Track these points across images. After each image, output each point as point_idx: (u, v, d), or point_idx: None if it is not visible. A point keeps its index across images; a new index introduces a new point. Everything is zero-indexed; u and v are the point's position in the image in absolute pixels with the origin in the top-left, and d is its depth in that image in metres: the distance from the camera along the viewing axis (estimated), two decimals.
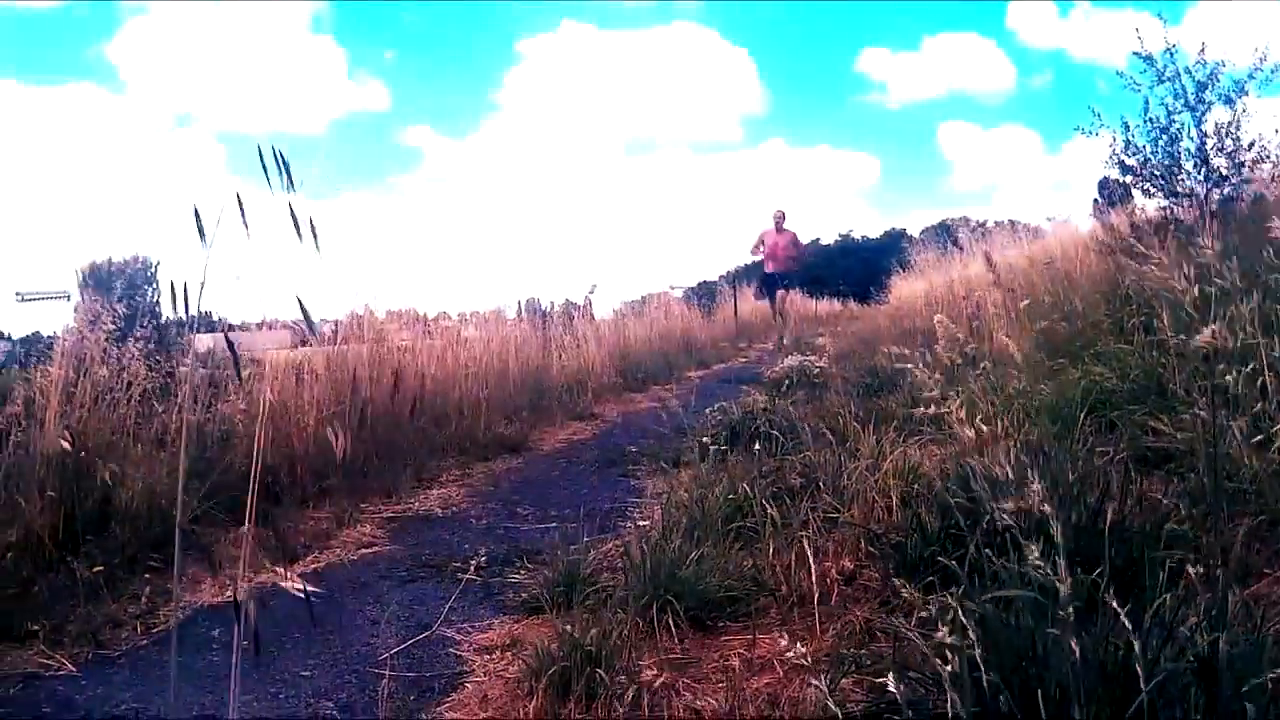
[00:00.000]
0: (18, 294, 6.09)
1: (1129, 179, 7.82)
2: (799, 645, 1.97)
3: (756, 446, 4.01)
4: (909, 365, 2.00)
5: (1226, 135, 7.14)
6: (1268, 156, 7.09)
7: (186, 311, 1.35)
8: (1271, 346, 2.60)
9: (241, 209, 1.37)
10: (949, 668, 1.63)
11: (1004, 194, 34.84)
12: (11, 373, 4.14)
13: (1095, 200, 10.51)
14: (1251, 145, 7.12)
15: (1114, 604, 1.58)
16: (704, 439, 4.37)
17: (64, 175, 27.79)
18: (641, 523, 3.48)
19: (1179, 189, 7.38)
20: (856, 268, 29.45)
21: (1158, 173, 7.46)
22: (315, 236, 1.46)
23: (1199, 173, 7.25)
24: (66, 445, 3.69)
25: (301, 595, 1.58)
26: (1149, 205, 7.81)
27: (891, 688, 1.64)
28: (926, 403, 1.90)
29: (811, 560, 2.76)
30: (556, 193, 31.17)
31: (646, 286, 15.86)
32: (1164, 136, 7.43)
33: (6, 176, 27.61)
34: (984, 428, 1.91)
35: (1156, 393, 4.05)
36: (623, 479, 5.19)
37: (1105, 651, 1.62)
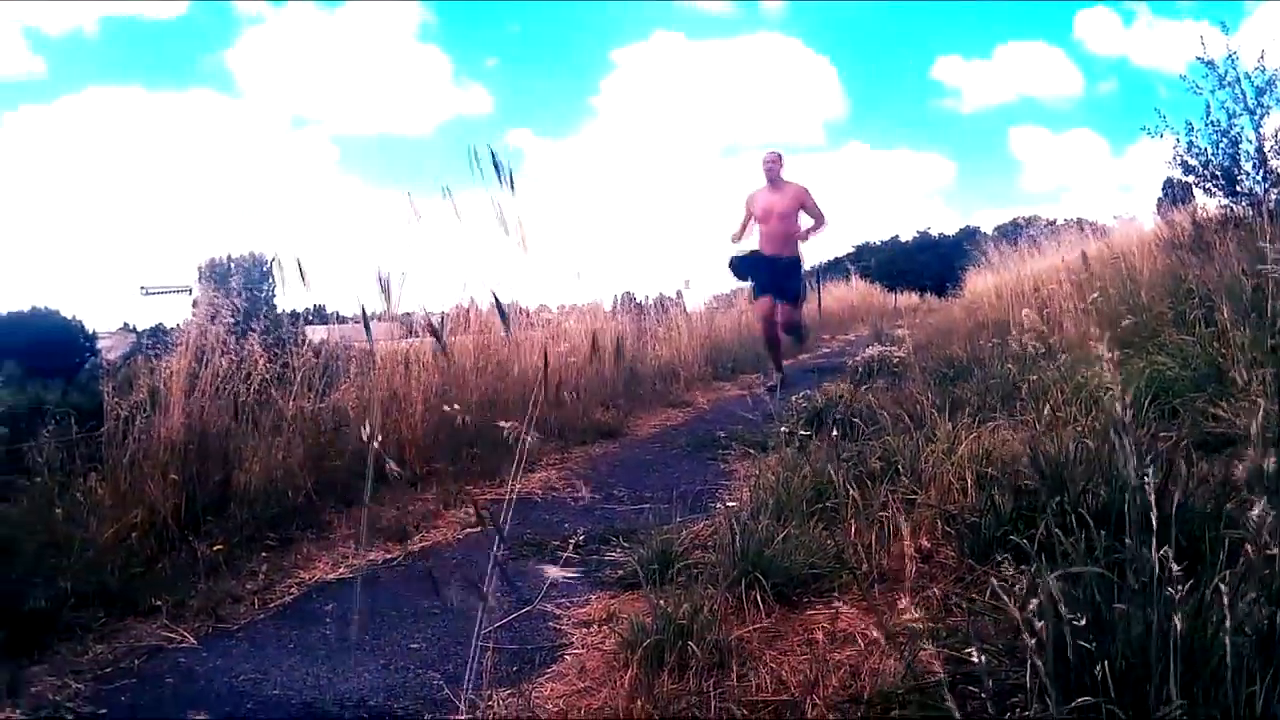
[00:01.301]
0: (142, 288, 6.31)
1: (1191, 179, 7.83)
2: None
3: (838, 432, 4.11)
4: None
5: None
6: None
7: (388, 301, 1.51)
8: None
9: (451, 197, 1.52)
10: (1033, 639, 1.74)
11: (1072, 194, 34.34)
12: (136, 363, 4.34)
13: (1159, 199, 10.44)
14: None
15: (1179, 580, 1.65)
16: (789, 425, 4.45)
17: (185, 176, 28.66)
18: (731, 504, 3.46)
19: (1239, 189, 7.39)
20: (934, 263, 29.35)
21: (1218, 173, 7.46)
22: (522, 231, 1.63)
23: (1258, 173, 7.26)
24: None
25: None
26: (1210, 204, 7.81)
27: (975, 658, 1.67)
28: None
29: (906, 538, 2.79)
30: (651, 192, 31.27)
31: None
32: (1225, 139, 7.43)
33: (133, 177, 28.54)
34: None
35: (1216, 380, 4.13)
36: (713, 462, 5.26)
37: (1171, 624, 1.66)
